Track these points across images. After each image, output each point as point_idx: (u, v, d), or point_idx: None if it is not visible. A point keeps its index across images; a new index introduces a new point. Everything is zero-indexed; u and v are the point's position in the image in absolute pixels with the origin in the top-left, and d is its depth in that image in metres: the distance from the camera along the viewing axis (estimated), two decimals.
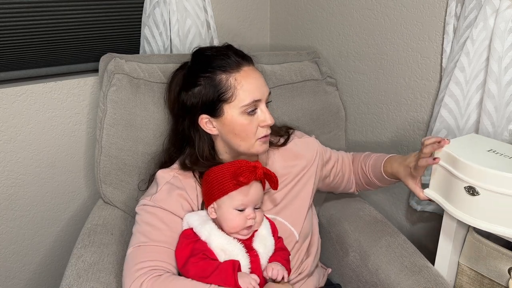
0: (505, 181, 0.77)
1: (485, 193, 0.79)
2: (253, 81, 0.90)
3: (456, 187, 0.84)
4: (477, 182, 0.80)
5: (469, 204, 0.82)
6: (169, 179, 0.94)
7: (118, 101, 1.11)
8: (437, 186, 0.92)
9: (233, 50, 0.94)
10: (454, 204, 0.86)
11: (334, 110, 1.34)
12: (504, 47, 0.96)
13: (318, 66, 1.36)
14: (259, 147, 0.93)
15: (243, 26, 1.60)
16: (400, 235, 1.10)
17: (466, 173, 0.82)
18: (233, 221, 0.86)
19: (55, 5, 1.19)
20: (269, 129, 0.95)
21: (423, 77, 1.19)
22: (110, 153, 1.12)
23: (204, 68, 0.91)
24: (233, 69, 0.89)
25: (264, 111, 0.91)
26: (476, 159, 0.82)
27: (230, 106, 0.89)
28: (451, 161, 0.86)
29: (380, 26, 1.27)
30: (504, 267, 0.86)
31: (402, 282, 0.96)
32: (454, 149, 0.87)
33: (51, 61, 1.28)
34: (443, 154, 0.88)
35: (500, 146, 0.90)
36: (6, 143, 1.20)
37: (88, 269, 0.92)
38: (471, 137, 0.96)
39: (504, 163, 0.81)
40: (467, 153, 0.85)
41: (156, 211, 0.90)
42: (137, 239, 0.88)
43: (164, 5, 1.26)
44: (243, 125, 0.90)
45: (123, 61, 1.14)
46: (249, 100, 0.88)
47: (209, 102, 0.90)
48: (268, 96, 0.93)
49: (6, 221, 1.27)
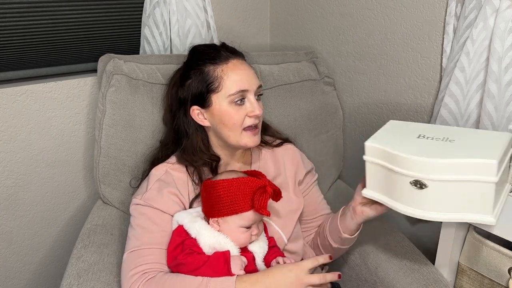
0: (451, 167, 0.73)
1: (434, 184, 0.75)
2: (240, 72, 0.92)
3: (400, 183, 0.79)
4: (423, 175, 0.75)
5: (418, 198, 0.77)
6: (160, 176, 0.95)
7: (117, 102, 1.11)
8: (376, 184, 0.85)
9: (225, 46, 0.98)
10: (401, 200, 0.81)
11: (332, 110, 1.34)
12: (504, 47, 0.96)
13: (316, 66, 1.36)
14: (248, 139, 0.94)
15: (243, 26, 1.60)
16: (400, 234, 1.10)
17: (410, 167, 0.76)
18: (240, 238, 0.87)
19: (55, 5, 1.19)
20: (258, 121, 0.95)
21: (423, 77, 1.19)
22: (109, 154, 1.12)
23: (195, 62, 0.96)
24: (222, 61, 0.93)
25: (252, 102, 0.92)
26: (414, 151, 0.77)
27: (218, 96, 0.92)
28: (389, 158, 0.80)
29: (380, 26, 1.27)
30: (504, 267, 0.86)
31: (401, 280, 0.96)
32: (385, 144, 0.81)
33: (51, 61, 1.28)
34: (376, 152, 0.82)
35: (425, 129, 0.86)
36: (6, 143, 1.20)
37: (89, 269, 0.93)
38: (392, 125, 0.91)
39: (441, 148, 0.78)
40: (400, 145, 0.80)
41: (147, 211, 0.91)
42: (131, 243, 0.89)
43: (164, 5, 1.26)
44: (230, 114, 0.92)
45: (122, 61, 1.14)
46: (235, 90, 0.91)
47: (198, 93, 0.94)
48: (258, 88, 0.94)
49: (6, 221, 1.27)
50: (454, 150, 0.76)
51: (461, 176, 0.73)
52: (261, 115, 0.95)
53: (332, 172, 1.37)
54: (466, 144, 0.78)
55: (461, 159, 0.73)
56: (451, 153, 0.75)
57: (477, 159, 0.72)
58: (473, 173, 0.73)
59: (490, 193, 0.73)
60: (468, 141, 0.80)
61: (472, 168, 0.73)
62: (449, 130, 0.86)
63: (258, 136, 0.96)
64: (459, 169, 0.73)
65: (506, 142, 0.78)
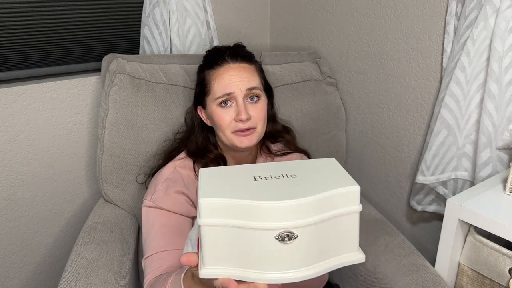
0: (317, 206, 0.59)
1: (304, 231, 0.59)
2: (228, 77, 0.94)
3: (260, 243, 0.59)
4: (292, 223, 0.58)
5: (285, 255, 0.60)
6: (168, 174, 0.97)
7: (119, 101, 1.12)
8: (220, 256, 0.62)
9: (232, 49, 0.99)
10: (262, 266, 0.61)
11: (334, 110, 1.34)
12: (504, 47, 0.95)
13: (319, 66, 1.36)
14: (237, 140, 0.94)
15: (243, 26, 1.60)
16: (399, 234, 1.10)
17: (274, 218, 0.58)
18: None
19: (55, 5, 1.19)
20: (247, 125, 0.93)
21: (423, 77, 1.18)
22: (112, 152, 1.13)
23: (201, 64, 1.03)
24: (217, 65, 0.96)
25: (239, 105, 0.93)
26: (273, 196, 0.59)
27: (209, 99, 0.96)
28: (241, 214, 0.59)
29: (380, 26, 1.26)
30: (504, 267, 0.86)
31: (400, 280, 0.96)
32: (230, 196, 0.59)
33: (50, 61, 1.28)
34: (219, 211, 0.59)
35: (252, 170, 0.68)
36: (6, 143, 1.20)
37: (87, 265, 0.93)
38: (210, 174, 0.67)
39: (295, 187, 0.62)
40: (250, 194, 0.60)
41: (156, 213, 0.94)
42: (145, 248, 0.93)
43: (164, 4, 1.26)
44: (218, 115, 0.95)
45: (125, 61, 1.16)
46: (220, 93, 0.93)
47: (198, 95, 1.02)
48: (248, 91, 0.94)
49: (6, 221, 1.26)
50: (309, 186, 0.62)
51: (327, 213, 0.61)
52: (257, 118, 0.94)
53: None
54: (311, 176, 0.66)
55: (324, 192, 0.60)
56: (310, 190, 0.61)
57: (340, 189, 0.61)
58: (339, 205, 0.62)
59: (355, 224, 0.65)
60: (307, 172, 0.67)
61: (337, 201, 0.61)
62: (277, 167, 0.69)
63: (249, 138, 0.94)
64: (324, 206, 0.60)
65: (340, 166, 0.68)
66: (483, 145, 1.03)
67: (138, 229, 1.17)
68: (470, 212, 0.87)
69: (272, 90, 1.08)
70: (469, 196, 0.92)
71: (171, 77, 1.18)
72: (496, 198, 0.91)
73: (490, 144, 1.03)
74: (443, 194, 1.17)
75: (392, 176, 1.35)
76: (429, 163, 1.12)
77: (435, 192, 1.20)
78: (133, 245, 1.07)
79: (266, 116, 0.99)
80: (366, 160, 1.42)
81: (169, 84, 1.17)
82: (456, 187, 1.16)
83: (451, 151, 1.11)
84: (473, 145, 1.08)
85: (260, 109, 0.95)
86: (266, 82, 1.04)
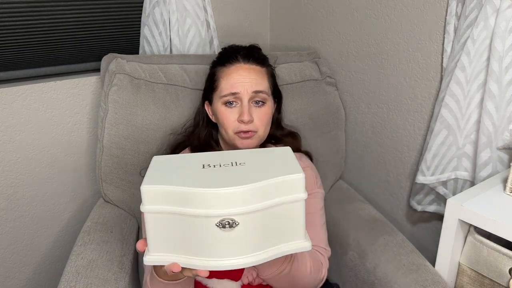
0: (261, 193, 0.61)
1: (245, 218, 0.60)
2: (236, 76, 0.94)
3: (200, 230, 0.61)
4: (233, 210, 0.59)
5: (226, 242, 0.61)
6: None
7: (119, 101, 1.12)
8: (164, 243, 0.64)
9: (247, 49, 1.00)
10: (203, 253, 0.62)
11: (334, 110, 1.34)
12: (504, 46, 0.95)
13: (318, 66, 1.36)
14: (238, 141, 0.94)
15: (243, 26, 1.60)
16: (399, 234, 1.10)
17: (215, 205, 0.59)
18: None
19: (54, 5, 1.19)
20: (249, 128, 0.93)
21: (423, 76, 1.18)
22: (111, 152, 1.13)
23: (214, 61, 1.04)
24: (229, 63, 0.97)
25: (243, 107, 0.93)
26: (214, 183, 0.60)
27: (216, 95, 0.97)
28: (182, 200, 0.60)
29: (381, 26, 1.26)
30: (505, 267, 0.86)
31: (399, 280, 0.96)
32: (172, 182, 0.62)
33: (50, 61, 1.28)
34: (161, 197, 0.62)
35: (202, 158, 0.70)
36: (6, 143, 1.20)
37: (87, 266, 0.93)
38: (159, 162, 0.71)
39: (241, 174, 0.64)
40: (192, 181, 0.62)
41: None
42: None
43: (164, 4, 1.26)
44: (222, 114, 0.95)
45: (125, 61, 1.16)
46: (226, 92, 0.94)
47: (206, 90, 1.03)
48: (254, 94, 0.93)
49: (6, 221, 1.26)
50: (255, 174, 0.63)
51: (270, 200, 0.62)
52: (259, 123, 0.94)
53: (334, 172, 1.37)
54: (260, 164, 0.67)
55: (267, 180, 0.61)
56: (255, 177, 0.62)
57: (285, 176, 0.62)
58: (283, 193, 0.63)
59: (301, 212, 0.65)
60: (257, 161, 0.68)
61: (281, 188, 0.62)
62: (229, 155, 0.72)
63: (250, 141, 0.94)
64: (267, 193, 0.62)
65: (293, 155, 0.70)
66: (483, 145, 1.03)
67: (138, 229, 1.17)
68: (470, 212, 0.87)
69: (282, 95, 1.08)
70: (469, 196, 0.91)
71: (170, 77, 1.18)
72: (496, 198, 0.91)
73: (490, 144, 1.03)
74: (443, 194, 1.17)
75: (392, 176, 1.35)
76: (429, 163, 1.12)
77: (435, 192, 1.20)
78: (133, 245, 1.07)
79: (270, 120, 0.98)
80: (366, 160, 1.42)
81: (168, 84, 1.17)
82: (456, 187, 1.16)
83: (451, 151, 1.11)
84: (473, 145, 1.08)
85: (264, 114, 0.95)
86: (275, 87, 1.04)
